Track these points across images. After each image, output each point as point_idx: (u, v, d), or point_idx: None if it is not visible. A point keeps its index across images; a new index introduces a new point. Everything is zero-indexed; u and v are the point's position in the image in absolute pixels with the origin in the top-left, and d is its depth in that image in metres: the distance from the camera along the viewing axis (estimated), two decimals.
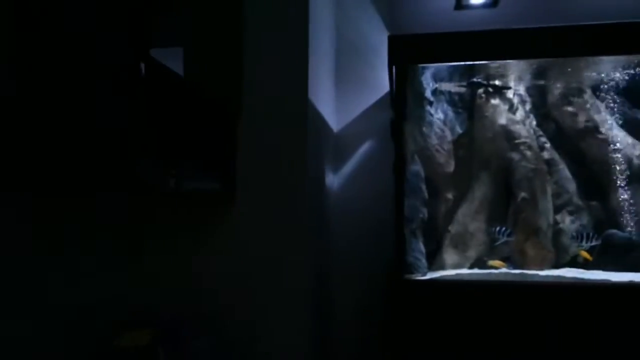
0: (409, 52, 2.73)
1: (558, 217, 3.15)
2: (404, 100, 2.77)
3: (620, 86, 3.31)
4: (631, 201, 3.11)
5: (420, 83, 2.95)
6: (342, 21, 3.54)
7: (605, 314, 2.45)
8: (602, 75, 3.19)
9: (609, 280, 2.57)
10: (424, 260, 2.83)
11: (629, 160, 3.15)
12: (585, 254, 2.91)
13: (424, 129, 3.02)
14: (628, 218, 3.08)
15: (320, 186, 2.95)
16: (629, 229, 3.05)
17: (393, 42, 2.76)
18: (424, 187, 2.89)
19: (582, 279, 2.61)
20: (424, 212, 2.87)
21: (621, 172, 3.14)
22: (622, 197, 3.12)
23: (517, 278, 2.68)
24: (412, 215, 2.79)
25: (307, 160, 2.51)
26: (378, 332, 3.13)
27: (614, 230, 2.96)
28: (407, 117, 2.79)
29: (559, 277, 2.66)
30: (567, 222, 3.13)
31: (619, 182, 3.14)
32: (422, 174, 2.94)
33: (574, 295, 2.48)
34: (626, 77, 3.18)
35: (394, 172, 2.76)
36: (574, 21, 3.47)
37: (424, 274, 2.82)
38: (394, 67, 2.82)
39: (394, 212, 2.72)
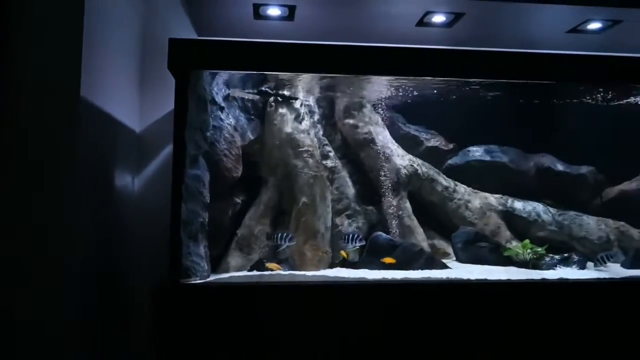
0: (189, 56, 2.74)
1: (338, 221, 3.42)
2: (184, 105, 2.77)
3: (397, 104, 3.71)
4: (397, 206, 3.51)
5: (206, 88, 2.98)
6: (151, 21, 3.43)
7: (361, 309, 2.70)
8: (382, 93, 3.53)
9: (364, 279, 2.85)
10: (203, 264, 2.86)
11: (397, 170, 3.55)
12: (344, 254, 3.20)
13: (210, 133, 3.06)
14: (393, 222, 3.46)
15: (106, 186, 2.83)
16: (393, 231, 3.43)
17: (173, 45, 2.74)
18: (205, 191, 2.92)
19: (341, 278, 2.86)
20: (204, 216, 2.90)
21: (391, 180, 3.52)
22: (390, 203, 3.50)
23: (285, 279, 2.84)
24: (191, 218, 2.81)
25: (79, 160, 2.39)
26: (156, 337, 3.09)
27: (379, 233, 3.30)
28: (189, 121, 2.80)
29: (323, 276, 2.88)
30: (345, 225, 3.41)
31: (388, 189, 3.51)
32: (207, 178, 2.97)
33: (332, 293, 2.69)
34: (402, 96, 3.56)
35: (172, 175, 2.75)
36: (365, 41, 3.81)
37: (204, 278, 2.85)
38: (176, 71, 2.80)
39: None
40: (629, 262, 3.34)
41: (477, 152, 3.81)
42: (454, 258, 3.49)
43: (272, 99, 3.36)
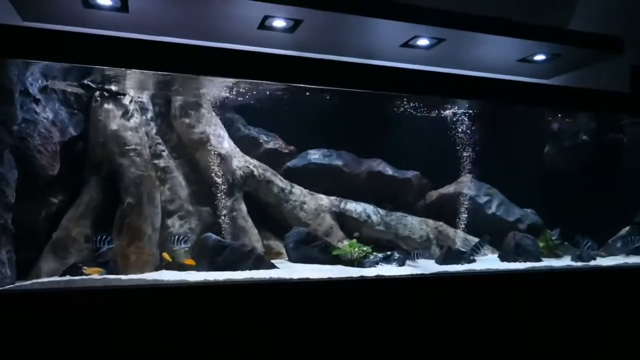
0: None
1: (169, 222, 3.34)
2: None
3: (238, 105, 3.72)
4: (232, 207, 3.53)
5: (12, 78, 2.72)
6: None
7: (178, 313, 2.64)
8: (222, 93, 3.50)
9: (185, 281, 2.81)
10: (5, 270, 2.62)
11: (233, 172, 3.56)
12: (166, 256, 3.14)
13: (21, 128, 2.81)
14: (228, 223, 3.47)
15: None
16: (225, 232, 3.44)
17: None
18: (9, 190, 2.67)
19: (159, 281, 2.80)
20: (7, 218, 2.66)
21: (226, 181, 3.53)
22: (225, 204, 3.51)
23: (97, 283, 2.70)
24: None
25: None
26: None
27: (209, 234, 3.29)
28: None
29: (140, 280, 2.80)
30: (177, 226, 3.35)
31: (223, 190, 3.51)
32: (13, 176, 2.72)
33: (151, 297, 2.61)
34: (243, 98, 3.56)
35: None
36: (208, 41, 3.76)
37: (6, 284, 2.61)
38: None
39: None
40: (441, 258, 3.70)
41: (314, 155, 3.96)
42: (287, 258, 3.59)
43: (97, 93, 3.18)
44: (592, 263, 3.88)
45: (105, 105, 3.17)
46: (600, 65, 4.44)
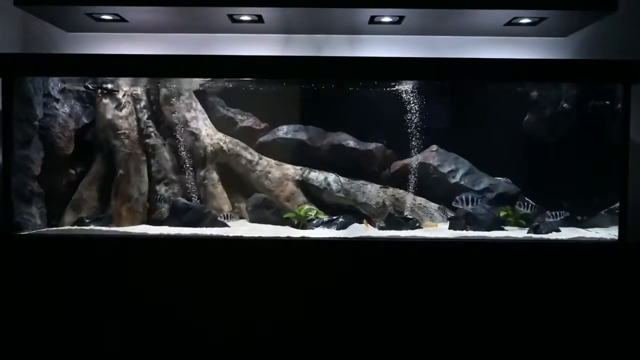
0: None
1: (157, 187, 4.33)
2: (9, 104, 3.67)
3: (220, 90, 4.48)
4: (204, 177, 4.37)
5: (29, 88, 3.82)
6: None
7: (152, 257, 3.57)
8: (205, 82, 4.26)
9: (146, 233, 3.77)
10: (34, 220, 3.86)
11: (204, 147, 4.38)
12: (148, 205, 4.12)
13: (44, 121, 3.96)
14: (200, 189, 4.34)
15: None
16: (195, 197, 4.32)
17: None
18: (34, 166, 3.87)
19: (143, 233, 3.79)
20: (33, 185, 3.87)
21: (200, 156, 4.37)
22: (199, 174, 4.37)
23: (97, 232, 3.79)
24: (20, 187, 3.78)
25: None
26: None
27: (179, 198, 4.20)
28: (15, 115, 3.70)
29: (124, 232, 3.81)
30: (162, 191, 4.32)
31: (198, 162, 4.37)
32: (38, 156, 3.91)
33: (123, 244, 3.60)
34: (225, 84, 4.30)
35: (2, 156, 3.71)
36: None
37: (36, 229, 3.85)
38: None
39: None
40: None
41: (283, 130, 4.55)
42: (248, 219, 4.35)
43: (99, 91, 4.22)
44: (547, 236, 3.83)
45: (104, 100, 4.20)
46: None
